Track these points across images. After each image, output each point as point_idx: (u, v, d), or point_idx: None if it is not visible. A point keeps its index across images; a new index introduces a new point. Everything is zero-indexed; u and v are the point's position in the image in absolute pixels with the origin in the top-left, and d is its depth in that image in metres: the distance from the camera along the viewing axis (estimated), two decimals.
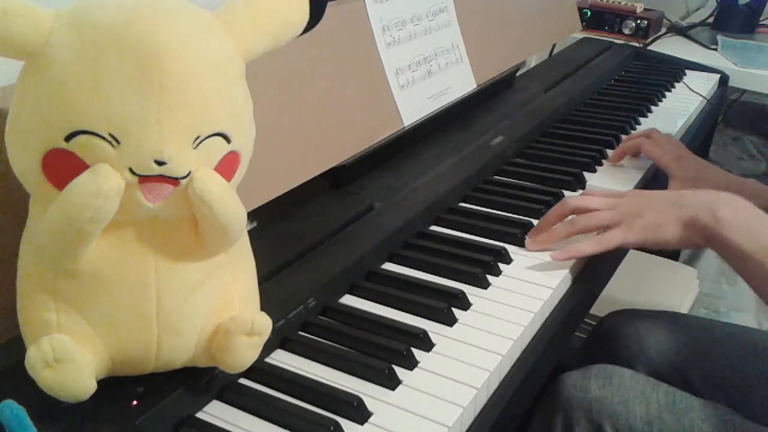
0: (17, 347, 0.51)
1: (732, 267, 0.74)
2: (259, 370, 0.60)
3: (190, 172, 0.47)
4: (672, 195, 0.78)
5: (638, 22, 1.68)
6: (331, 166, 0.84)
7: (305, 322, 0.67)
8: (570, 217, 0.81)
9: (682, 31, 1.77)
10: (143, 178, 0.46)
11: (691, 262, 1.84)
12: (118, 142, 0.44)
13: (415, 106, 0.99)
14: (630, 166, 1.04)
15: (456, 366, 0.62)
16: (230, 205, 0.49)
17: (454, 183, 0.91)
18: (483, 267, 0.76)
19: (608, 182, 0.99)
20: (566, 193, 0.93)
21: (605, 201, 0.79)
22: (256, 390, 0.59)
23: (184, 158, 0.46)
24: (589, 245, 0.77)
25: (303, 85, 0.82)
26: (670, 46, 1.65)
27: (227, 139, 0.49)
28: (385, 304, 0.70)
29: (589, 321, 1.27)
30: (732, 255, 0.73)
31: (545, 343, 0.69)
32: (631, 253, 1.13)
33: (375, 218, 0.81)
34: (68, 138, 0.44)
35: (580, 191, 0.95)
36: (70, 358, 0.48)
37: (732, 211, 0.72)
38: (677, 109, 1.28)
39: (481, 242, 0.82)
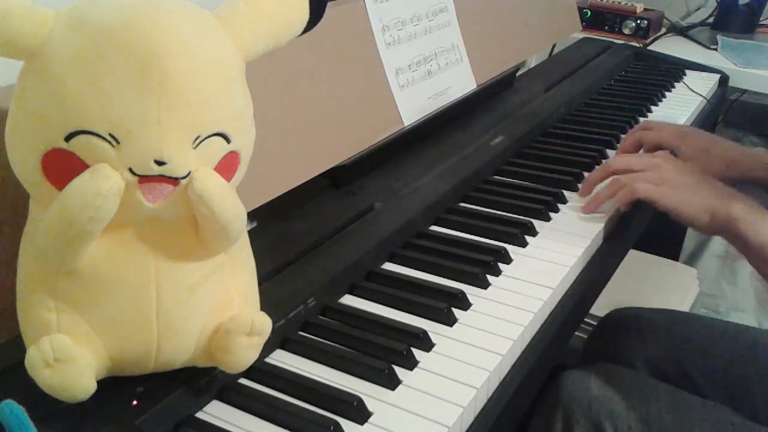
0: (17, 347, 0.51)
1: (747, 258, 0.80)
2: (259, 370, 0.60)
3: (190, 172, 0.47)
4: (702, 182, 0.83)
5: (638, 22, 1.68)
6: (331, 166, 0.84)
7: (305, 322, 0.67)
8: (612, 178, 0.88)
9: (682, 31, 1.77)
10: (143, 178, 0.46)
11: (691, 262, 1.84)
12: (118, 142, 0.44)
13: (415, 106, 0.99)
14: None
15: (456, 366, 0.62)
16: (230, 206, 0.49)
17: (454, 183, 0.90)
18: (483, 267, 0.75)
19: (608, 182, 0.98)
20: (566, 193, 0.93)
21: (645, 161, 0.87)
22: (256, 390, 0.59)
23: (184, 158, 0.46)
24: (642, 188, 0.83)
25: (303, 84, 0.82)
26: (670, 46, 1.65)
27: (227, 139, 0.49)
28: (385, 304, 0.70)
29: (589, 321, 1.27)
30: (744, 249, 0.78)
31: (545, 343, 0.69)
32: (631, 253, 1.13)
33: (375, 218, 0.81)
34: (68, 138, 0.44)
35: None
36: (70, 358, 0.48)
37: (744, 211, 0.77)
38: (677, 109, 1.28)
39: (481, 242, 0.82)
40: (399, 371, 0.61)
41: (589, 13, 1.74)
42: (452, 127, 1.07)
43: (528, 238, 0.83)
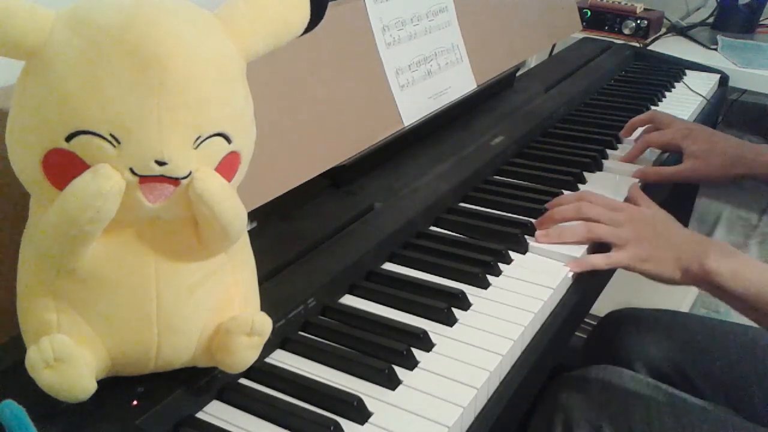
0: (17, 347, 0.51)
1: (731, 306, 0.77)
2: (259, 370, 0.60)
3: (190, 173, 0.47)
4: (669, 236, 0.80)
5: (638, 22, 1.68)
6: (331, 166, 0.84)
7: (305, 322, 0.67)
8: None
9: (682, 31, 1.77)
10: (144, 179, 0.46)
11: None
12: (118, 142, 0.44)
13: (415, 106, 0.99)
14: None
15: (456, 366, 0.62)
16: (230, 206, 0.49)
17: (454, 183, 0.91)
18: (483, 267, 0.75)
19: (608, 182, 0.98)
20: (566, 193, 0.93)
21: (612, 216, 0.82)
22: (256, 390, 0.59)
23: (185, 158, 0.46)
24: (601, 260, 0.79)
25: (303, 85, 0.82)
26: (670, 46, 1.65)
27: (228, 140, 0.49)
28: (385, 304, 0.70)
29: (589, 321, 1.27)
30: (725, 298, 0.76)
31: (545, 343, 0.69)
32: None
33: (375, 218, 0.81)
34: (69, 138, 0.44)
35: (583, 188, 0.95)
36: (70, 358, 0.48)
37: (719, 261, 0.75)
38: (677, 109, 1.28)
39: (481, 242, 0.81)
40: (399, 371, 0.61)
41: (589, 13, 1.74)
42: (452, 127, 1.07)
43: (528, 239, 0.83)
